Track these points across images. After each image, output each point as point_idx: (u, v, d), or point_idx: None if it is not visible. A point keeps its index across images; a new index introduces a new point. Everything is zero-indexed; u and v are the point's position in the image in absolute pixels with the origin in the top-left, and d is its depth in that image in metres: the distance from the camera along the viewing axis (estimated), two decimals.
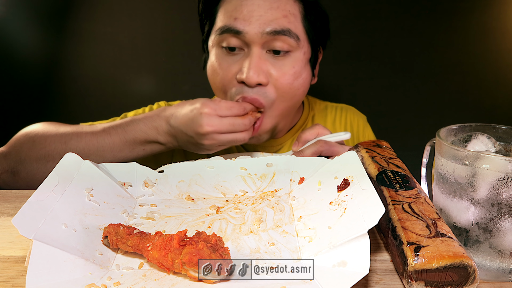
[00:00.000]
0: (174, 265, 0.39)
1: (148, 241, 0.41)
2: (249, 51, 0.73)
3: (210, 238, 0.40)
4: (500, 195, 0.41)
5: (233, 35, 0.73)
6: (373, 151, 0.58)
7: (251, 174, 0.57)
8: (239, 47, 0.74)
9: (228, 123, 0.65)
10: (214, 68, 0.77)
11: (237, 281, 0.39)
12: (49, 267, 0.37)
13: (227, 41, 0.74)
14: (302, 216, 0.49)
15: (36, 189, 0.43)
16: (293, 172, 0.56)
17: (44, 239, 0.39)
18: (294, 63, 0.74)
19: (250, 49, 0.73)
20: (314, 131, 0.72)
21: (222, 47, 0.75)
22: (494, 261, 0.42)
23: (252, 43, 0.72)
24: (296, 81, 0.75)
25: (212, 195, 0.55)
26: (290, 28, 0.72)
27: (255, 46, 0.72)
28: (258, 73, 0.71)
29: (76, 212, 0.44)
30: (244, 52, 0.74)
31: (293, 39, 0.73)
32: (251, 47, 0.72)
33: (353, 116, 0.97)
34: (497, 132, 0.49)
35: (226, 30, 0.73)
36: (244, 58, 0.73)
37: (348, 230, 0.40)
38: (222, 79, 0.75)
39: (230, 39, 0.73)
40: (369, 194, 0.42)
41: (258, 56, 0.72)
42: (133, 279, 0.39)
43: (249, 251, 0.44)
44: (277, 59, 0.74)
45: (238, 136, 0.67)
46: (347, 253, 0.39)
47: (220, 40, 0.75)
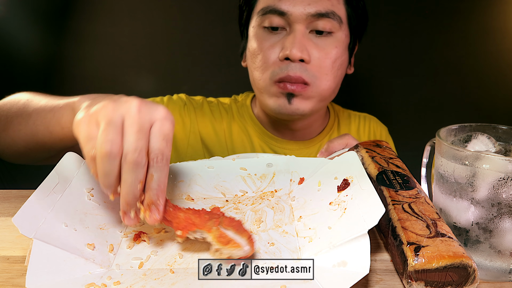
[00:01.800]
0: (207, 224, 0.41)
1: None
2: (291, 30, 0.74)
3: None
4: (500, 195, 0.41)
5: (277, 15, 0.74)
6: (373, 151, 0.58)
7: (251, 174, 0.57)
8: (281, 27, 0.75)
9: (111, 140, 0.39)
10: (254, 49, 0.78)
11: (237, 281, 0.39)
12: (49, 266, 0.38)
13: (269, 21, 0.75)
14: (302, 216, 0.49)
15: (36, 189, 0.43)
16: (293, 173, 0.56)
17: (44, 238, 0.39)
18: (336, 43, 0.76)
19: (293, 28, 0.74)
20: (343, 141, 0.67)
21: (264, 27, 0.77)
22: (494, 261, 0.42)
23: (296, 23, 0.73)
24: (337, 61, 0.76)
25: (212, 195, 0.55)
26: (334, 10, 0.74)
27: (298, 25, 0.74)
28: (302, 49, 0.72)
29: (76, 212, 0.44)
30: (286, 31, 0.76)
31: (336, 21, 0.75)
32: (294, 26, 0.74)
33: (376, 126, 0.97)
34: (497, 132, 0.49)
35: (270, 11, 0.74)
36: (287, 36, 0.74)
37: (348, 230, 0.40)
38: (264, 57, 0.76)
39: (273, 19, 0.75)
40: (369, 194, 0.42)
41: (301, 34, 0.74)
42: (133, 279, 0.39)
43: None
44: (320, 38, 0.75)
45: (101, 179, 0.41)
46: (347, 253, 0.39)
47: (262, 20, 0.76)
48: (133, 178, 0.40)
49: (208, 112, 0.88)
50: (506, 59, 1.38)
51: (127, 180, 0.40)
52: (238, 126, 0.88)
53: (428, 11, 1.34)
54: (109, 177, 0.40)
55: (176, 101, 0.88)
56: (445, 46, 1.37)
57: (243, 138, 0.87)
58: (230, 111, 0.90)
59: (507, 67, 1.39)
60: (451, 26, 1.35)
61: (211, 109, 0.89)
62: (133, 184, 0.40)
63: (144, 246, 0.45)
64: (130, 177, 0.40)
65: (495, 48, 1.37)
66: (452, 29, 1.36)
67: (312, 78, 0.75)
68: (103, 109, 0.41)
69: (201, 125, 0.87)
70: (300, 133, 0.86)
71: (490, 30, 1.35)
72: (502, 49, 1.37)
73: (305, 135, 0.87)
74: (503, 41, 1.36)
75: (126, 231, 0.47)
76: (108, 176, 0.40)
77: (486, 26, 1.35)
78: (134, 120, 0.40)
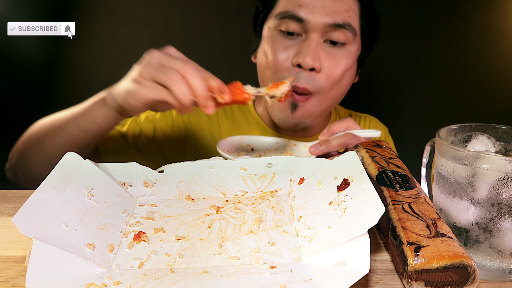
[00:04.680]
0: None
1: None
2: (307, 37, 0.75)
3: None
4: (500, 195, 0.41)
5: (294, 21, 0.75)
6: (373, 151, 0.58)
7: (251, 174, 0.57)
8: (297, 33, 0.76)
9: (181, 62, 0.54)
10: (266, 50, 0.79)
11: (237, 281, 0.39)
12: (49, 266, 0.38)
13: (286, 25, 0.76)
14: (302, 216, 0.49)
15: (36, 188, 0.43)
16: (293, 173, 0.56)
17: (44, 238, 0.39)
18: (348, 55, 0.77)
19: (309, 35, 0.75)
20: (344, 123, 0.71)
21: (280, 31, 0.77)
22: (494, 261, 0.42)
23: (312, 31, 0.74)
24: (346, 73, 0.78)
25: (212, 195, 0.55)
26: (350, 23, 0.75)
27: (314, 34, 0.74)
28: (314, 58, 0.73)
29: (76, 212, 0.44)
30: (301, 37, 0.76)
31: (351, 33, 0.75)
32: (310, 33, 0.75)
33: (376, 126, 0.98)
34: (497, 132, 0.49)
35: (288, 16, 0.75)
36: (302, 43, 0.75)
37: (348, 229, 0.40)
38: (275, 60, 0.77)
39: (290, 24, 0.75)
40: (369, 194, 0.42)
41: (316, 43, 0.74)
42: (133, 279, 0.39)
43: (249, 251, 0.44)
44: (333, 48, 0.76)
45: (182, 88, 0.53)
46: (347, 252, 0.39)
47: (279, 24, 0.77)
48: (198, 78, 0.53)
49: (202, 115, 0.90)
50: (506, 59, 1.38)
51: (195, 82, 0.53)
52: (239, 125, 0.90)
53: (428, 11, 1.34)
54: (185, 89, 0.52)
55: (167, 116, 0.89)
56: (445, 46, 1.38)
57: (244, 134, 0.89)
58: (229, 111, 0.92)
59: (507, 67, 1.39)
60: (451, 26, 1.36)
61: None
62: (200, 81, 0.53)
63: (144, 246, 0.45)
64: (195, 79, 0.53)
65: (495, 48, 1.37)
66: (452, 29, 1.36)
67: (318, 88, 0.76)
68: (145, 66, 0.56)
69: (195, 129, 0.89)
70: (302, 132, 0.88)
71: (490, 30, 1.36)
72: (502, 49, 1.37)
73: (306, 133, 0.88)
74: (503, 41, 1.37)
75: (126, 231, 0.47)
76: (186, 89, 0.52)
77: (486, 26, 1.35)
78: (170, 58, 0.55)
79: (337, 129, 0.70)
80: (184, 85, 0.52)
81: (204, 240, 0.45)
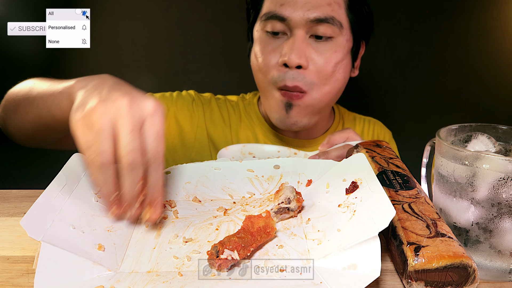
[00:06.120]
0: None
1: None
2: (291, 35, 0.75)
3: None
4: (500, 195, 0.41)
5: (278, 21, 0.75)
6: (373, 151, 0.58)
7: (258, 176, 0.57)
8: (282, 32, 0.76)
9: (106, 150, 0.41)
10: (256, 52, 0.80)
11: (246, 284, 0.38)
12: (58, 270, 0.37)
13: (271, 26, 0.76)
14: (310, 219, 0.48)
15: (44, 190, 0.43)
16: (300, 174, 0.56)
17: (52, 241, 0.38)
18: (336, 47, 0.77)
19: (293, 33, 0.75)
20: (344, 134, 0.70)
21: (267, 32, 0.78)
22: (494, 261, 0.42)
23: (296, 28, 0.74)
24: (337, 66, 0.77)
25: (219, 197, 0.55)
26: (334, 16, 0.75)
27: (298, 30, 0.75)
28: (300, 55, 0.73)
29: (83, 214, 0.44)
30: (287, 36, 0.77)
31: (336, 27, 0.75)
32: (294, 31, 0.75)
33: (380, 130, 0.98)
34: (497, 132, 0.49)
35: (272, 16, 0.76)
36: (287, 41, 0.76)
37: (358, 232, 0.40)
38: (264, 61, 0.78)
39: (275, 24, 0.76)
40: (379, 196, 0.42)
41: (300, 39, 0.74)
42: (141, 281, 0.39)
43: (258, 253, 0.43)
44: (320, 43, 0.76)
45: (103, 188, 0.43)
46: (358, 255, 0.38)
47: (265, 25, 0.78)
48: (131, 179, 0.41)
49: (215, 108, 0.90)
50: (506, 59, 1.38)
51: (126, 181, 0.41)
52: (244, 124, 0.90)
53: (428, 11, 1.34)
54: (107, 184, 0.41)
55: (185, 97, 0.90)
56: (445, 46, 1.37)
57: (248, 135, 0.89)
58: (237, 108, 0.92)
59: (507, 67, 1.39)
60: (451, 26, 1.35)
61: (219, 106, 0.91)
62: (131, 184, 0.41)
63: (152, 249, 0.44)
64: (128, 179, 0.41)
65: (495, 48, 1.37)
66: (452, 29, 1.36)
67: (310, 85, 0.75)
68: (93, 113, 0.41)
69: (208, 121, 0.89)
70: (304, 132, 0.88)
71: (490, 30, 1.35)
72: (502, 49, 1.37)
73: (309, 134, 0.88)
74: (503, 41, 1.36)
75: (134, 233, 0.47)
76: (106, 183, 0.42)
77: (486, 26, 1.35)
78: (126, 121, 0.41)
79: (337, 140, 0.70)
80: (111, 184, 0.42)
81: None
